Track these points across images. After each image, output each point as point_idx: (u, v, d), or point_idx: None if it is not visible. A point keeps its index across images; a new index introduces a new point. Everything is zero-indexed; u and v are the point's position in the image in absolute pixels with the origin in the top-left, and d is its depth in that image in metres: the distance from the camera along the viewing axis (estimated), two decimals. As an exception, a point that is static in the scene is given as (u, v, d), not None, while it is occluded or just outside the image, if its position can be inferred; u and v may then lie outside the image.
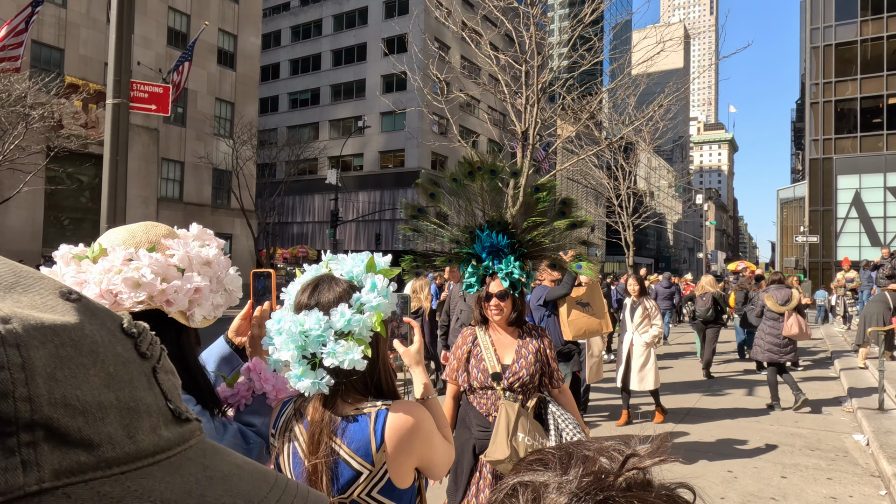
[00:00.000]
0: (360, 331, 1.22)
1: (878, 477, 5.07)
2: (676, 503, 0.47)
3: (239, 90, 31.62)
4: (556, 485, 0.47)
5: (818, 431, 6.55)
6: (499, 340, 2.75)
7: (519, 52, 10.67)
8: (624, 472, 0.48)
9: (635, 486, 0.47)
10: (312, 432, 1.25)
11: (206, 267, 1.21)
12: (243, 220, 30.26)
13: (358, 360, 1.20)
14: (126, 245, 1.14)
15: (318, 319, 1.22)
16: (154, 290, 1.08)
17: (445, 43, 38.75)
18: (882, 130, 35.32)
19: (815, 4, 37.63)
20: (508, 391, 2.62)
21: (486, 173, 2.77)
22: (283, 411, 1.35)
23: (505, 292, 2.66)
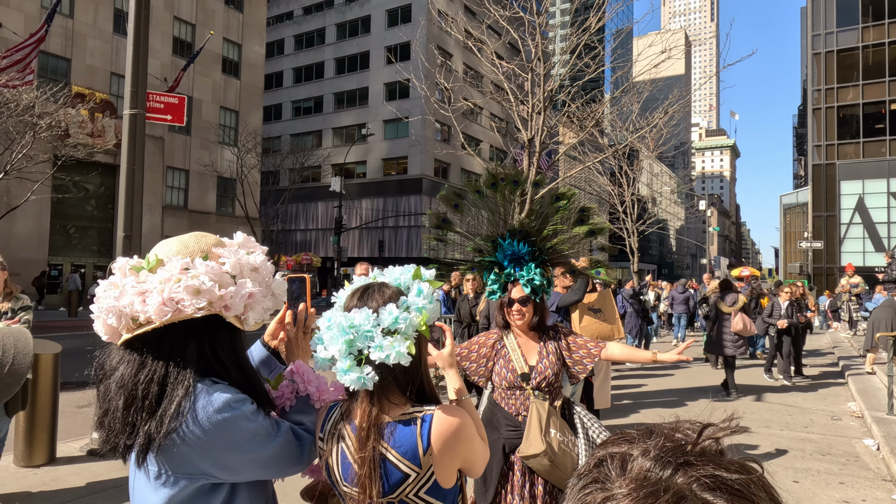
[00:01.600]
0: (405, 329, 1.28)
1: (889, 481, 5.08)
2: (747, 470, 0.51)
3: (243, 99, 31.83)
4: (641, 451, 0.53)
5: (828, 436, 6.56)
6: (523, 343, 2.84)
7: (525, 61, 10.76)
8: (700, 442, 0.53)
9: (711, 454, 0.52)
10: (360, 435, 1.28)
11: (255, 273, 1.26)
12: (248, 228, 30.35)
13: (403, 353, 1.25)
14: (181, 255, 1.19)
15: (368, 316, 1.27)
16: (213, 297, 1.14)
17: (448, 51, 38.99)
18: (885, 136, 35.36)
19: (817, 11, 37.77)
20: (537, 391, 2.72)
21: (510, 184, 2.90)
22: (329, 415, 1.39)
23: (527, 298, 2.76)
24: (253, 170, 30.86)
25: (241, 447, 1.17)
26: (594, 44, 11.69)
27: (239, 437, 1.17)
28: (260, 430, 1.20)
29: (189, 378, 1.16)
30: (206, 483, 1.18)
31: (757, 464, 0.54)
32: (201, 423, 1.13)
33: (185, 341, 1.18)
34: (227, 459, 1.17)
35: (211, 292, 1.13)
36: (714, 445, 0.53)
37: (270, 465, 1.23)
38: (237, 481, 1.23)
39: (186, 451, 1.13)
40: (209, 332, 1.21)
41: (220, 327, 1.22)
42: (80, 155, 19.76)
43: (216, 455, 1.16)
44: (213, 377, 1.21)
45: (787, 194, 48.82)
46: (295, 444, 1.30)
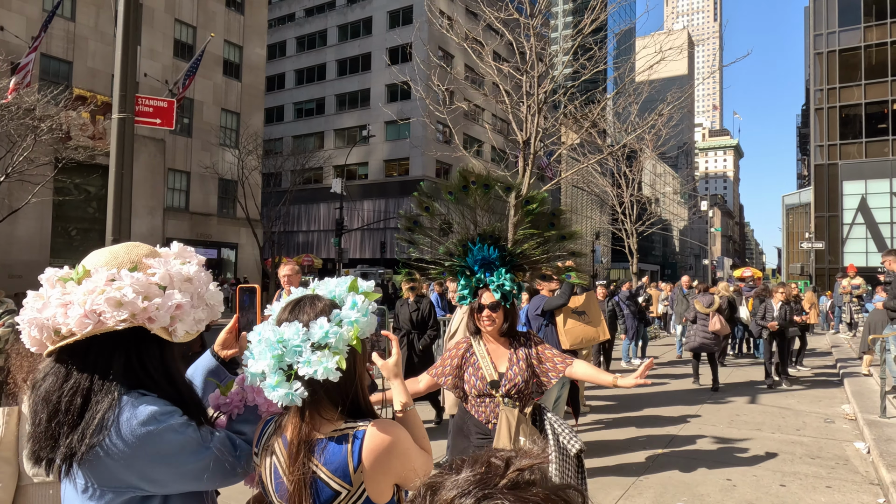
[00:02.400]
0: (336, 343, 1.25)
1: (877, 485, 5.06)
2: (553, 501, 0.52)
3: (244, 100, 31.90)
4: (451, 483, 0.54)
5: (819, 440, 6.53)
6: (493, 350, 2.82)
7: (520, 62, 10.75)
8: (507, 474, 0.54)
9: (518, 486, 0.52)
10: (291, 451, 1.26)
11: (188, 283, 1.26)
12: (249, 230, 30.43)
13: (332, 369, 1.22)
14: (109, 266, 1.19)
15: (298, 330, 1.24)
16: (136, 309, 1.14)
17: (449, 52, 39.00)
18: (887, 136, 35.20)
19: (819, 11, 37.64)
20: (507, 398, 2.69)
21: (480, 188, 2.86)
22: (265, 429, 1.37)
23: (496, 304, 2.73)
24: (254, 171, 30.92)
25: (167, 460, 1.17)
26: (590, 45, 11.67)
27: (165, 450, 1.16)
28: (188, 443, 1.19)
29: (114, 390, 1.15)
30: (134, 496, 1.18)
31: (579, 493, 0.55)
32: (125, 437, 1.12)
33: (111, 353, 1.18)
34: (153, 472, 1.16)
35: (133, 304, 1.13)
36: (523, 476, 0.53)
37: (201, 477, 1.22)
38: (168, 493, 1.22)
39: (111, 464, 1.13)
40: (137, 344, 1.21)
41: (149, 339, 1.22)
42: (80, 157, 19.84)
43: (142, 468, 1.15)
44: (141, 389, 1.20)
45: (789, 194, 48.66)
46: (230, 455, 1.28)
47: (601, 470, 5.37)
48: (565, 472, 2.63)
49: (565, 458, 2.65)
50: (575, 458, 2.67)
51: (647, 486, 4.99)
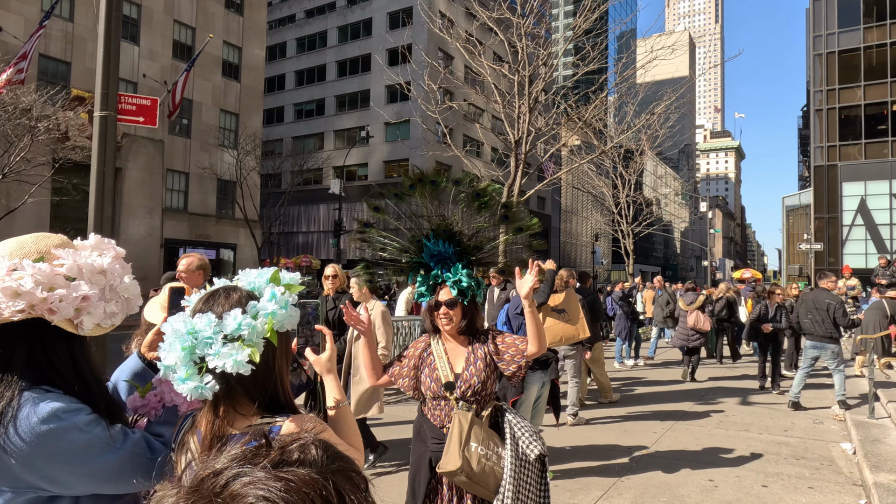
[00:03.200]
0: (250, 335, 1.20)
1: (860, 486, 5.02)
2: (315, 483, 0.51)
3: (243, 101, 31.94)
4: (214, 460, 0.54)
5: (806, 440, 6.50)
6: (451, 349, 2.71)
7: (512, 63, 10.74)
8: (271, 453, 0.54)
9: (280, 465, 0.53)
10: (203, 446, 1.23)
11: (100, 276, 1.24)
12: (247, 230, 30.46)
13: (242, 362, 1.18)
14: (13, 256, 1.17)
15: (210, 321, 1.20)
16: (34, 300, 1.12)
17: (449, 53, 39.01)
18: (887, 137, 35.11)
19: (819, 12, 37.57)
20: (462, 400, 2.57)
21: (427, 185, 2.82)
22: (183, 425, 1.34)
23: (454, 301, 2.65)
24: (252, 172, 30.95)
25: (70, 460, 1.12)
26: (583, 45, 11.66)
27: (67, 449, 1.12)
28: (95, 442, 1.15)
29: (14, 385, 1.11)
30: (38, 496, 1.14)
31: (349, 477, 0.55)
32: (22, 434, 1.09)
33: (12, 346, 1.15)
34: (54, 472, 1.12)
35: (31, 295, 1.11)
36: (295, 455, 0.53)
37: (111, 478, 1.18)
38: (74, 495, 1.18)
39: (9, 462, 1.09)
40: (42, 337, 1.18)
41: (56, 332, 1.19)
42: (78, 158, 19.85)
43: (41, 467, 1.11)
44: (46, 385, 1.16)
45: (789, 196, 48.56)
46: (146, 456, 1.24)
47: (584, 470, 5.34)
48: (522, 479, 2.48)
49: (524, 464, 2.50)
50: (537, 461, 2.53)
51: (628, 486, 4.96)
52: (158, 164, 27.09)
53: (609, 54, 19.49)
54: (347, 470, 0.55)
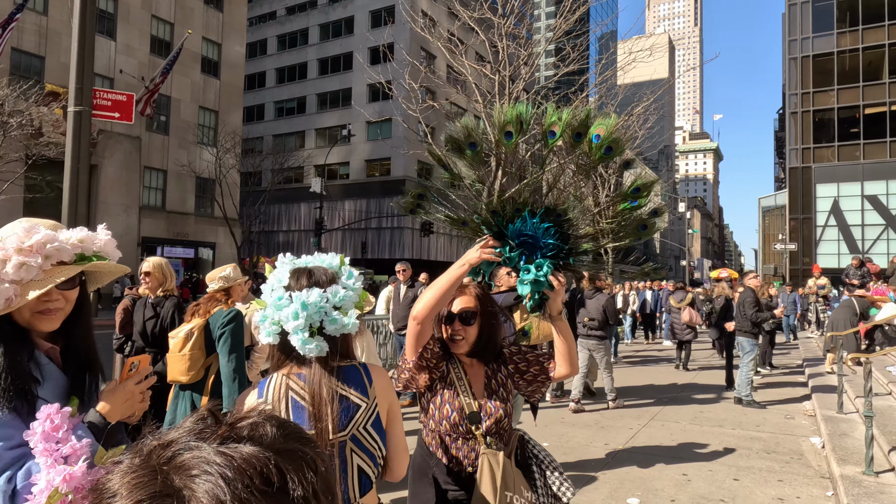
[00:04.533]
0: (347, 306, 1.56)
1: (827, 478, 5.16)
2: (260, 461, 0.51)
3: (223, 98, 31.60)
4: (169, 433, 0.55)
5: (777, 435, 6.65)
6: (469, 368, 2.19)
7: (493, 63, 10.80)
8: (220, 429, 0.55)
9: (227, 440, 0.53)
10: (317, 380, 1.52)
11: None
12: (227, 229, 30.15)
13: (355, 324, 1.52)
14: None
15: (320, 295, 1.51)
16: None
17: (431, 52, 39.03)
18: (859, 140, 35.96)
19: (794, 16, 38.32)
20: (488, 436, 2.08)
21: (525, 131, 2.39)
22: (269, 384, 1.59)
23: (472, 313, 2.11)
24: (232, 170, 30.65)
25: None
26: (563, 46, 11.76)
27: None
28: None
29: None
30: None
31: (298, 457, 0.54)
32: None
33: None
34: None
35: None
36: (244, 432, 0.54)
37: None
38: None
39: None
40: None
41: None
42: (52, 154, 19.48)
43: None
44: None
45: (765, 197, 49.47)
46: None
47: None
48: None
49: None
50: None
51: (604, 481, 5.04)
52: (135, 162, 26.68)
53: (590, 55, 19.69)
54: (297, 451, 0.55)
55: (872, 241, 35.02)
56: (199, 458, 0.49)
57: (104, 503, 0.49)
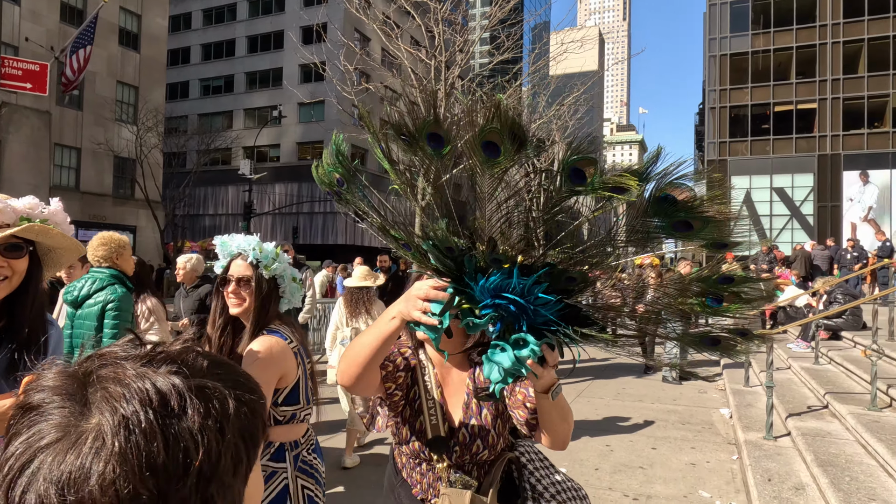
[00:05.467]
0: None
1: (734, 444, 5.63)
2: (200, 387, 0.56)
3: (143, 73, 29.85)
4: (49, 373, 0.59)
5: (692, 408, 7.16)
6: (444, 376, 1.71)
7: (429, 48, 10.81)
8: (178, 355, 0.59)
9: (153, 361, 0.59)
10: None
11: None
12: (149, 212, 28.69)
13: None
14: None
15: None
16: None
17: (366, 35, 38.37)
18: (769, 136, 38.52)
19: (714, 16, 40.38)
20: (455, 470, 1.62)
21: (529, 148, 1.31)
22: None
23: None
24: (154, 150, 29.11)
25: None
26: (498, 34, 11.91)
27: None
28: None
29: None
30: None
31: (228, 387, 0.58)
32: None
33: None
34: None
35: None
36: (174, 356, 0.58)
37: None
38: None
39: None
40: None
41: None
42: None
43: None
44: None
45: (685, 188, 52.12)
46: None
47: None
48: None
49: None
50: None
51: (534, 454, 5.27)
52: (45, 138, 24.82)
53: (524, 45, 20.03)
54: (218, 389, 0.56)
55: (779, 231, 37.76)
56: (117, 374, 0.54)
57: (29, 395, 0.54)
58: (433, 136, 1.31)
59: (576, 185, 1.25)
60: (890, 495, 3.77)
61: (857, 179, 35.84)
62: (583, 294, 1.36)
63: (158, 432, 0.50)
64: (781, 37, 38.32)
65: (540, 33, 38.43)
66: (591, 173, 1.24)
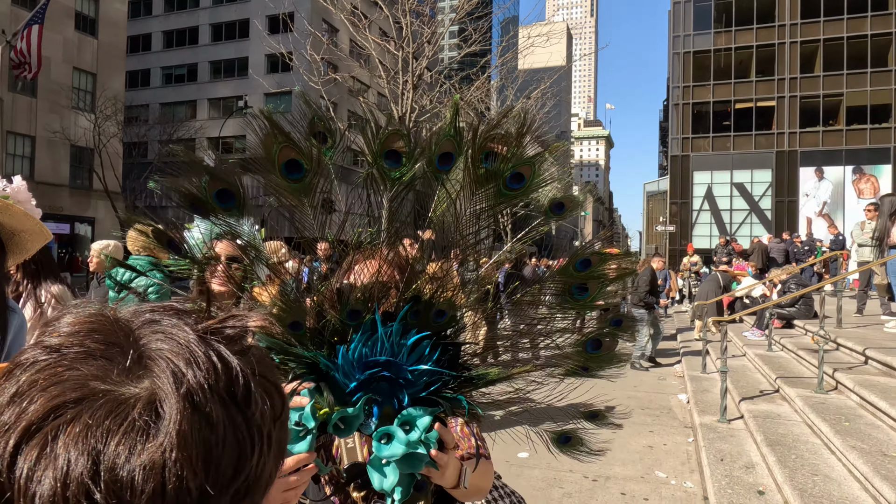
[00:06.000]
0: None
1: (690, 428, 5.83)
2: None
3: (102, 60, 28.92)
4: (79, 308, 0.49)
5: (651, 394, 7.37)
6: None
7: (396, 39, 10.79)
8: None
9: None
10: None
11: None
12: (108, 203, 27.87)
13: None
14: None
15: None
16: None
17: (334, 25, 37.93)
18: (730, 132, 39.60)
19: (678, 14, 41.21)
20: (378, 498, 1.21)
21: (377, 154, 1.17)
22: None
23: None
24: (113, 139, 28.26)
25: None
26: (465, 26, 11.95)
27: None
28: None
29: None
30: None
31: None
32: None
33: None
34: None
35: None
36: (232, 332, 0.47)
37: None
38: None
39: None
40: None
41: None
42: None
43: None
44: None
45: (649, 182, 53.40)
46: None
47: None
48: None
49: None
50: None
51: (497, 441, 5.36)
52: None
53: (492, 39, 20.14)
54: (276, 387, 0.48)
55: (738, 224, 38.89)
56: (177, 334, 0.44)
57: (42, 339, 0.43)
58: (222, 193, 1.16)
59: (392, 169, 1.13)
60: (831, 470, 3.98)
61: (812, 175, 37.15)
62: (457, 328, 1.14)
63: (223, 419, 0.41)
64: (742, 36, 39.34)
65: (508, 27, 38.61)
66: (402, 147, 1.12)
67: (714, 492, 3.99)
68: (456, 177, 1.14)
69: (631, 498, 4.21)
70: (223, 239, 1.37)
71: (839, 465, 4.06)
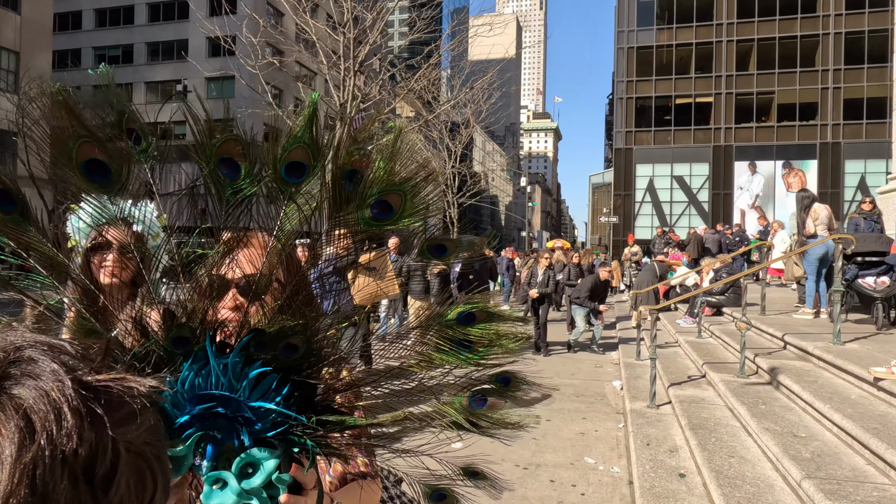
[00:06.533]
0: None
1: (622, 413, 5.99)
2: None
3: (25, 37, 27.13)
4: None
5: (587, 381, 7.53)
6: None
7: (337, 23, 10.55)
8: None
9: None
10: None
11: None
12: (34, 191, 26.25)
13: None
14: None
15: None
16: None
17: (279, 9, 36.85)
18: (670, 127, 40.91)
19: (622, 9, 42.13)
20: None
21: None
22: None
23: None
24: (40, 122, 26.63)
25: None
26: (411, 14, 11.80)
27: None
28: None
29: None
30: None
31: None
32: None
33: None
34: None
35: None
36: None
37: None
38: None
39: None
40: None
41: None
42: None
43: None
44: None
45: (595, 174, 54.71)
46: None
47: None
48: None
49: None
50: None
51: (433, 430, 5.36)
52: None
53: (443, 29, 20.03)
54: (150, 453, 0.42)
55: (678, 216, 40.32)
56: (51, 386, 0.38)
57: None
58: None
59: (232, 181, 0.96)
60: (747, 451, 4.15)
61: (746, 169, 38.88)
62: (314, 364, 0.96)
63: (67, 502, 0.36)
64: (683, 33, 40.60)
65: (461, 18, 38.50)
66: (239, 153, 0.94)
67: (638, 476, 4.10)
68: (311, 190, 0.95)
69: (559, 485, 4.28)
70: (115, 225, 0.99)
71: (755, 447, 4.24)
